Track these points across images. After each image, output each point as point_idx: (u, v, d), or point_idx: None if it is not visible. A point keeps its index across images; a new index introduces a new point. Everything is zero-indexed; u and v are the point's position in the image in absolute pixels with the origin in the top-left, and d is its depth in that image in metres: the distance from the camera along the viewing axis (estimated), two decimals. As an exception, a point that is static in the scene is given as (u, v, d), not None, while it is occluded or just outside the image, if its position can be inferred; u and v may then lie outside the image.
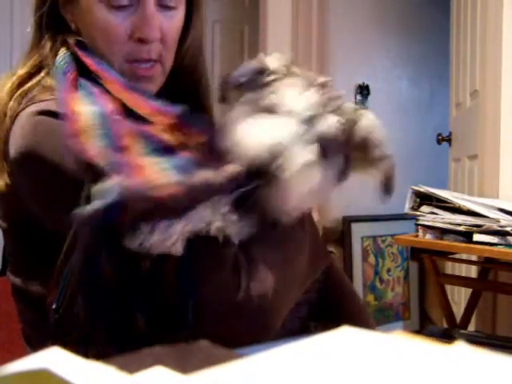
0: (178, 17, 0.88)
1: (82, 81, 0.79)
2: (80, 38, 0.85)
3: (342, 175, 0.75)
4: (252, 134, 0.68)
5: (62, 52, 0.84)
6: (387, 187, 0.76)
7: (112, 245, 0.65)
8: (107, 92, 0.78)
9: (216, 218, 0.69)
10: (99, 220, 0.63)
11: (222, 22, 3.32)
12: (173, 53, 0.89)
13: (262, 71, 0.77)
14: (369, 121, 0.76)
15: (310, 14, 2.86)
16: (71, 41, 0.84)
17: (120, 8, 0.82)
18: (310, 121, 0.70)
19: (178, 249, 0.67)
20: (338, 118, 0.72)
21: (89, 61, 0.82)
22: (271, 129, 0.68)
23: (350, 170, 0.75)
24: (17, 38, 2.68)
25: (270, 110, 0.71)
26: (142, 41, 0.83)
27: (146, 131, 0.74)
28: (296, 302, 0.80)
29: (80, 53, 0.83)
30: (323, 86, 0.75)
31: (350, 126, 0.73)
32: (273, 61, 0.78)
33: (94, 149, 0.69)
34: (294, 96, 0.72)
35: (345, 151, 0.74)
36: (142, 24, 0.83)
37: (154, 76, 0.88)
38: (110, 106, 0.74)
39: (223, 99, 0.79)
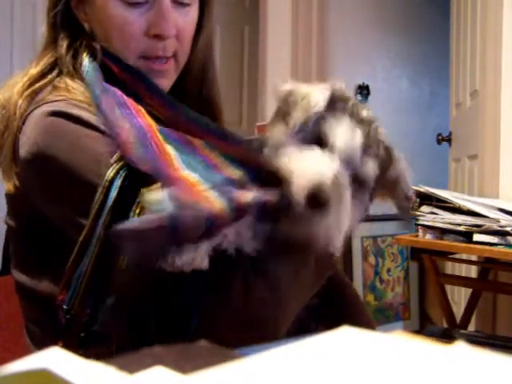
0: (192, 14, 0.88)
1: (111, 89, 0.79)
2: (101, 44, 0.85)
3: (366, 211, 0.78)
4: (303, 164, 0.69)
5: (86, 57, 0.84)
6: (404, 216, 0.81)
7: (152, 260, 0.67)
8: (137, 99, 0.79)
9: (230, 232, 0.70)
10: (158, 236, 0.64)
11: (222, 23, 3.32)
12: (187, 49, 0.90)
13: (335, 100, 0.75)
14: (402, 166, 0.79)
15: (310, 14, 2.86)
16: (97, 47, 0.84)
17: (136, 5, 0.83)
18: (350, 161, 0.72)
19: (205, 264, 0.68)
20: (375, 165, 0.73)
21: (117, 69, 0.82)
22: (320, 163, 0.69)
23: (371, 204, 0.79)
24: (17, 38, 2.68)
25: (319, 142, 0.72)
26: (158, 37, 0.84)
27: (183, 145, 0.75)
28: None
29: (108, 61, 0.83)
30: (369, 121, 0.75)
31: (383, 168, 0.75)
32: (338, 88, 0.77)
33: (142, 158, 0.70)
34: (342, 134, 0.72)
35: (373, 191, 0.76)
36: (158, 20, 0.83)
37: (168, 71, 0.88)
38: (145, 119, 0.75)
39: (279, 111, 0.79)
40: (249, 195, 0.70)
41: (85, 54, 0.84)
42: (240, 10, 3.49)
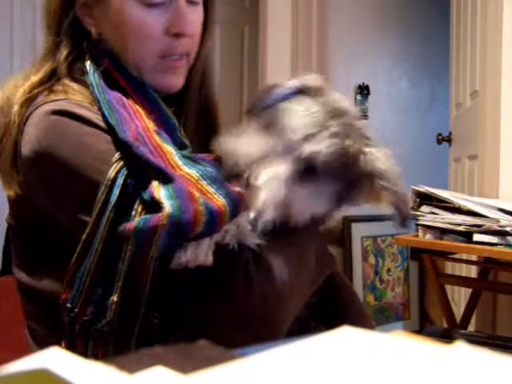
0: (200, 12, 0.90)
1: (112, 91, 0.81)
2: (107, 47, 0.86)
3: (342, 200, 0.77)
4: (238, 146, 0.72)
5: (88, 61, 0.84)
6: (400, 218, 0.77)
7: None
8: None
9: (231, 228, 0.71)
10: (173, 232, 0.66)
11: (222, 23, 3.32)
12: (197, 47, 0.91)
13: (301, 91, 0.77)
14: (377, 156, 0.76)
15: (310, 15, 2.86)
16: (100, 54, 0.85)
17: (153, 6, 0.83)
18: (301, 140, 0.72)
19: (209, 260, 0.69)
20: (333, 143, 0.72)
21: (119, 76, 0.84)
22: (255, 144, 0.72)
23: (352, 196, 0.77)
24: (17, 38, 2.68)
25: (270, 126, 0.74)
26: (177, 35, 0.85)
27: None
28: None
29: (110, 68, 0.84)
30: (341, 111, 0.75)
31: (353, 155, 0.74)
32: (310, 80, 0.78)
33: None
34: (294, 115, 0.73)
35: (343, 177, 0.75)
36: (178, 19, 0.84)
37: (182, 68, 0.89)
38: (143, 121, 0.77)
39: (250, 112, 0.80)
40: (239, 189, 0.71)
41: (87, 57, 0.85)
42: (240, 10, 3.49)
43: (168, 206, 0.66)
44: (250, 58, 3.47)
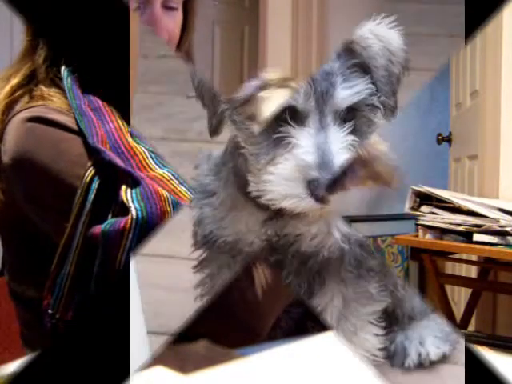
0: (179, 17, 0.90)
1: (86, 94, 0.81)
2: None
3: None
4: None
5: (63, 68, 0.84)
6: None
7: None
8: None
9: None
10: (142, 231, 0.66)
11: (222, 23, 3.32)
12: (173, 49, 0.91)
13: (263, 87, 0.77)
14: None
15: (310, 15, 2.86)
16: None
17: None
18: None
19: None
20: None
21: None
22: None
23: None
24: (17, 38, 2.68)
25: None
26: None
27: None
28: (289, 303, 0.81)
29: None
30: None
31: None
32: (269, 75, 0.79)
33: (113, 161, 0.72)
34: (264, 106, 0.73)
35: None
36: (151, 25, 0.85)
37: None
38: (117, 124, 0.77)
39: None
40: None
41: (62, 62, 0.85)
42: (240, 9, 3.49)
43: (134, 209, 0.66)
44: (249, 57, 3.47)
